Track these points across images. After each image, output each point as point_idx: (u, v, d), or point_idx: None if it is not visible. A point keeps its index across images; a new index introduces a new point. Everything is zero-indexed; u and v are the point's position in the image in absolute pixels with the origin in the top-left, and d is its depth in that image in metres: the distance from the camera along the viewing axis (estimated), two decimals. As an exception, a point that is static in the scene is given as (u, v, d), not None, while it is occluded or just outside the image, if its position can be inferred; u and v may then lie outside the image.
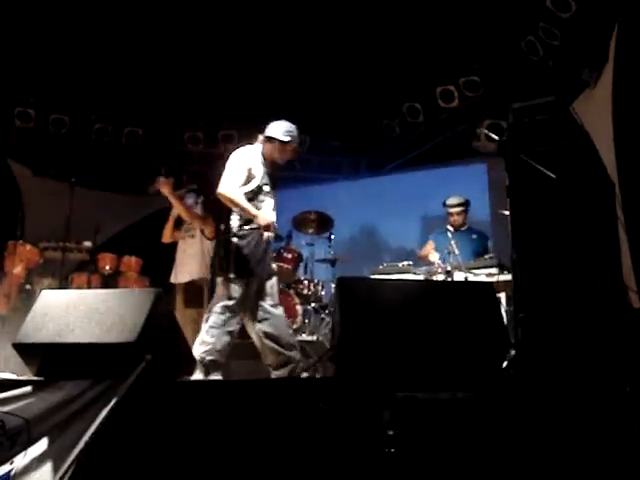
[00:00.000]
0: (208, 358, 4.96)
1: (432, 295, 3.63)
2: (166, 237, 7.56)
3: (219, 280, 5.21)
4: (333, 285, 7.81)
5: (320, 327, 7.59)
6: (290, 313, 7.51)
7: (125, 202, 10.13)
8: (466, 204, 7.67)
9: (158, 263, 8.54)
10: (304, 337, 7.40)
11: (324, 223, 8.08)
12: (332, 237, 8.05)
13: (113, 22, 8.73)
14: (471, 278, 6.32)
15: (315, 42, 8.97)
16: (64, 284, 7.86)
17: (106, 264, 8.19)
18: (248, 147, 5.30)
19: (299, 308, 7.67)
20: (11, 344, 4.04)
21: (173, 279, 7.37)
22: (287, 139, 5.25)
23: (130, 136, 10.27)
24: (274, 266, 5.79)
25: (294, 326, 7.52)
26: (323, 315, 7.61)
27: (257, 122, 10.00)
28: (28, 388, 3.91)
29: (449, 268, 6.47)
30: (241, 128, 10.39)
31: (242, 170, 5.12)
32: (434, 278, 6.61)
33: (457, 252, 6.41)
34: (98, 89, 9.66)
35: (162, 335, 3.92)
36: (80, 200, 8.09)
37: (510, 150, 4.10)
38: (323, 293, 7.94)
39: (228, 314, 5.05)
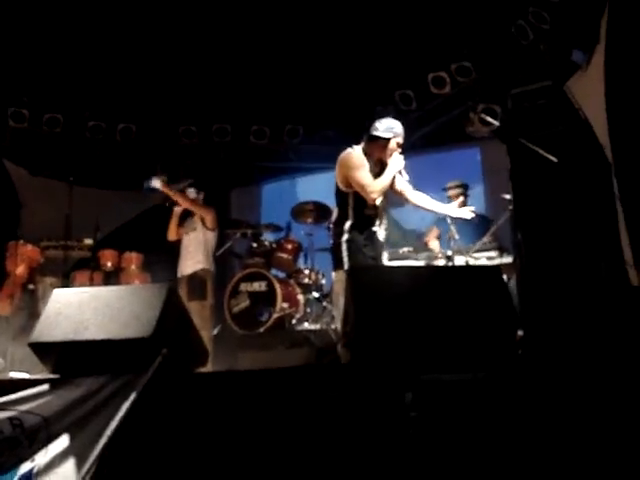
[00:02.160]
0: None
1: (442, 279, 3.70)
2: (172, 234, 7.67)
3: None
4: (333, 274, 7.89)
5: (322, 315, 7.67)
6: (292, 302, 7.61)
7: (122, 198, 10.13)
8: (464, 187, 7.72)
9: (158, 258, 8.61)
10: (307, 326, 7.48)
11: (323, 213, 8.13)
12: (331, 226, 8.09)
13: (103, 19, 8.73)
14: (472, 262, 6.40)
15: (305, 31, 8.99)
16: (66, 282, 7.91)
17: (107, 260, 8.23)
18: (355, 148, 5.32)
19: (300, 297, 7.77)
20: (27, 344, 4.11)
21: (179, 273, 7.45)
22: (389, 135, 5.27)
23: (124, 132, 10.27)
24: None
25: (297, 315, 7.61)
26: (325, 303, 7.68)
27: (249, 114, 10.33)
28: (45, 386, 3.95)
29: (449, 253, 6.54)
30: (234, 121, 10.45)
31: (366, 168, 5.17)
32: (435, 263, 6.69)
33: (457, 237, 6.47)
34: (90, 86, 9.65)
35: (176, 328, 3.99)
36: (78, 198, 8.14)
37: (510, 135, 4.16)
38: (324, 282, 8.00)
39: None
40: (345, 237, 5.20)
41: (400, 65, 9.18)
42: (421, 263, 6.80)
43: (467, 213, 5.78)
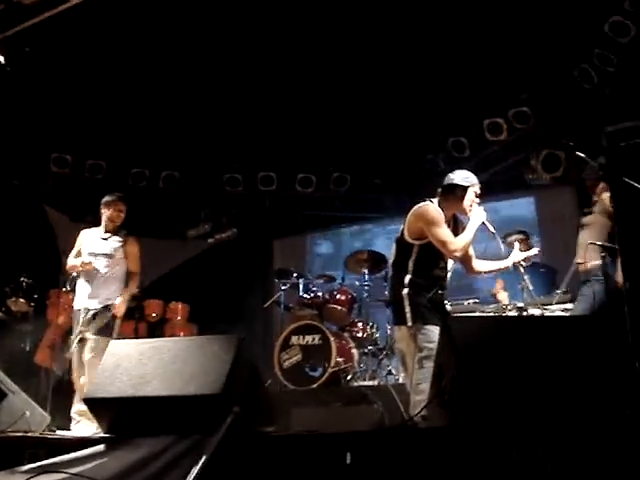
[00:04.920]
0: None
1: (547, 330, 3.30)
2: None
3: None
4: (389, 327, 7.50)
5: (378, 371, 7.26)
6: (346, 357, 7.20)
7: (165, 247, 9.90)
8: (526, 233, 7.35)
9: (205, 308, 8.31)
10: (364, 382, 7.06)
11: (377, 262, 7.77)
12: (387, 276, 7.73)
13: (146, 66, 8.58)
14: (547, 315, 5.97)
15: (352, 76, 8.78)
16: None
17: (153, 311, 7.93)
18: (433, 201, 4.89)
19: (354, 352, 7.35)
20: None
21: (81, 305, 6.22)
22: (467, 184, 4.89)
23: (167, 180, 10.11)
24: None
25: (351, 370, 7.20)
26: (381, 357, 7.27)
27: (295, 162, 10.09)
28: (100, 447, 3.61)
29: (521, 304, 6.13)
30: (280, 169, 10.21)
31: (445, 224, 4.74)
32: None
33: (531, 287, 6.06)
34: (134, 133, 9.50)
35: (246, 384, 3.62)
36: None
37: (614, 174, 3.80)
38: (377, 335, 7.60)
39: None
40: (406, 291, 4.78)
41: (453, 111, 8.87)
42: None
43: (532, 252, 5.47)
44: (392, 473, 3.05)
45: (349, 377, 7.15)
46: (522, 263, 5.48)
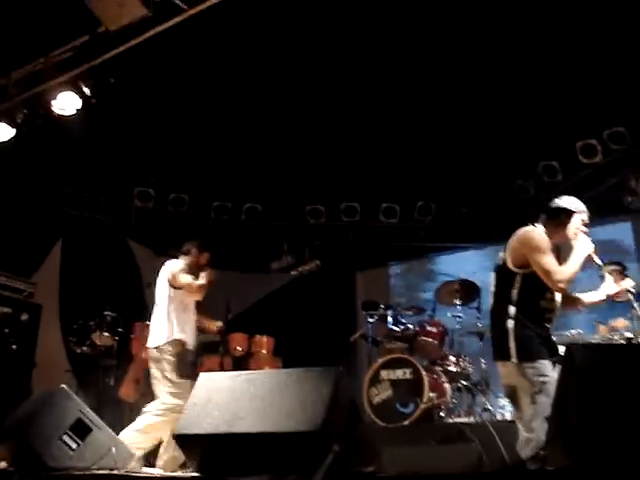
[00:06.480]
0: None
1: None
2: None
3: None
4: (483, 361, 7.15)
5: (474, 407, 6.89)
6: (439, 392, 6.86)
7: (248, 280, 9.79)
8: (622, 265, 6.88)
9: (288, 342, 8.12)
10: (460, 419, 6.70)
11: (470, 292, 7.43)
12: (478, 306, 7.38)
13: (226, 100, 8.55)
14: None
15: (437, 104, 8.56)
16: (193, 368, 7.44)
17: (237, 344, 7.74)
18: (535, 228, 4.61)
19: (447, 386, 6.99)
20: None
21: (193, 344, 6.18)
22: (574, 209, 4.58)
23: (250, 212, 10.07)
24: None
25: (445, 406, 6.85)
26: (476, 393, 6.91)
27: (379, 192, 9.87)
28: (190, 487, 3.41)
29: (630, 335, 5.71)
30: (363, 200, 10.02)
31: (551, 252, 4.43)
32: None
33: (643, 315, 5.63)
34: (215, 167, 9.48)
35: (346, 420, 3.37)
36: (204, 279, 7.75)
37: None
38: (471, 370, 7.23)
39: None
40: (511, 323, 4.42)
41: (542, 134, 8.54)
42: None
43: (627, 284, 5.00)
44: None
45: (442, 413, 6.80)
46: (632, 290, 5.09)
